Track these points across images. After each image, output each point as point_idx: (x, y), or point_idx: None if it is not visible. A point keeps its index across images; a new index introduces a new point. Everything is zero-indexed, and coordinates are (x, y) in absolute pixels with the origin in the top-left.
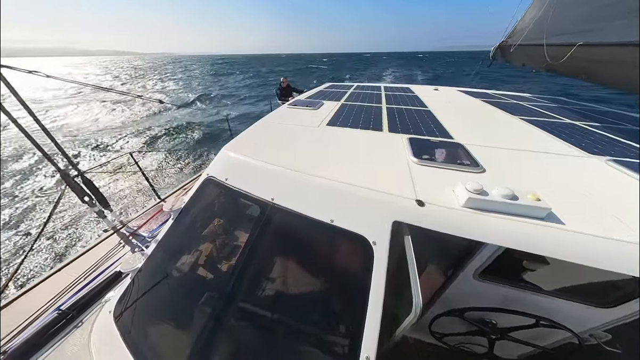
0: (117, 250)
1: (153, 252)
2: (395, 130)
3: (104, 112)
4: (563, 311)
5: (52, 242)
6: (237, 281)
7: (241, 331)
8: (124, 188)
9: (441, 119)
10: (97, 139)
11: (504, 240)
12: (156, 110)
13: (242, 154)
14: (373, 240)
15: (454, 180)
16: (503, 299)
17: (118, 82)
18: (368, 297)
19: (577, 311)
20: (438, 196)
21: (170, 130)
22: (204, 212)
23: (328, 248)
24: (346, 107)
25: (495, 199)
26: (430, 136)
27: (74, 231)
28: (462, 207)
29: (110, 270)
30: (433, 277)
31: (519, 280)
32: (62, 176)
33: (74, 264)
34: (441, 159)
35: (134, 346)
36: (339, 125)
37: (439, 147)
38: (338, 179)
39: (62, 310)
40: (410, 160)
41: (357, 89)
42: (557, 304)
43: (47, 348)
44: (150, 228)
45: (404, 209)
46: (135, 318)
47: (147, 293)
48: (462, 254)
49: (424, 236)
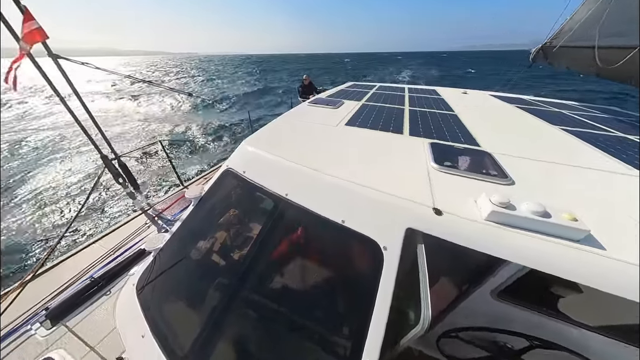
0: (143, 230)
1: (174, 235)
2: (417, 133)
3: (139, 103)
4: (594, 346)
5: (90, 216)
6: (247, 271)
7: (246, 318)
8: (152, 173)
9: (468, 124)
10: (131, 126)
11: (530, 261)
12: (187, 103)
13: (260, 148)
14: (384, 245)
15: (478, 191)
16: (523, 323)
17: (172, 78)
18: (374, 303)
19: (612, 349)
20: (458, 206)
21: (199, 123)
22: (221, 201)
23: (337, 248)
24: (367, 107)
25: (524, 215)
26: (454, 142)
27: (108, 209)
28: (484, 220)
29: (136, 247)
30: (445, 291)
31: (544, 305)
32: (102, 158)
33: (106, 238)
34: (464, 167)
35: (151, 319)
36: (357, 125)
37: (463, 155)
38: (352, 180)
39: (94, 279)
40: (431, 166)
41: (379, 90)
42: (588, 337)
43: (81, 310)
44: (173, 212)
45: (419, 216)
46: (154, 293)
47: (166, 272)
48: (479, 270)
49: (438, 246)
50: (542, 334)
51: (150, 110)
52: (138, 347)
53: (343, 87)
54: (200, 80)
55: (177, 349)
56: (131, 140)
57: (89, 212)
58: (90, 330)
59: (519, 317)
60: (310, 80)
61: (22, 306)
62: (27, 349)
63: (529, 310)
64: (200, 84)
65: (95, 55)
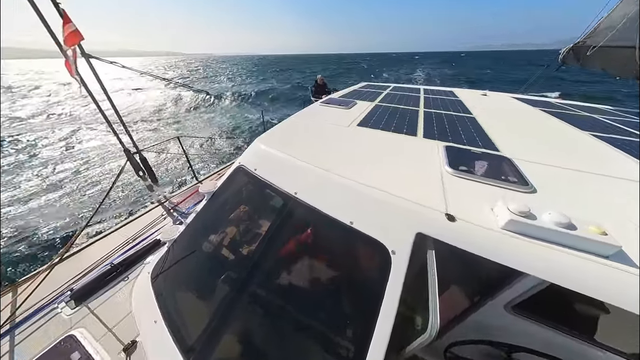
0: (159, 221)
1: (187, 227)
2: (431, 136)
3: (160, 101)
4: None
5: (113, 204)
6: (254, 267)
7: (251, 313)
8: (170, 167)
9: (487, 128)
10: (152, 122)
11: (550, 275)
12: (204, 101)
13: (272, 147)
14: (392, 249)
15: (495, 198)
16: (540, 340)
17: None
18: (380, 307)
19: None
20: (473, 213)
21: (216, 120)
22: (232, 197)
23: (344, 249)
24: (380, 108)
25: (545, 226)
26: (471, 146)
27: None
28: (500, 229)
29: (152, 237)
30: (456, 300)
31: (565, 323)
32: (125, 152)
33: (126, 227)
34: (481, 172)
35: (163, 306)
36: (370, 126)
37: (480, 159)
38: (362, 181)
39: (114, 265)
40: (445, 170)
41: (393, 90)
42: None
43: (101, 293)
44: (187, 205)
45: (431, 221)
46: (167, 282)
47: (178, 263)
48: (493, 281)
49: (450, 254)
50: (561, 353)
51: (169, 107)
52: (151, 332)
53: (356, 88)
54: (228, 78)
55: (187, 337)
56: (150, 135)
57: (111, 202)
58: (109, 313)
59: (536, 334)
60: (324, 80)
61: (51, 286)
62: (53, 325)
63: (547, 327)
64: (226, 81)
65: (118, 55)
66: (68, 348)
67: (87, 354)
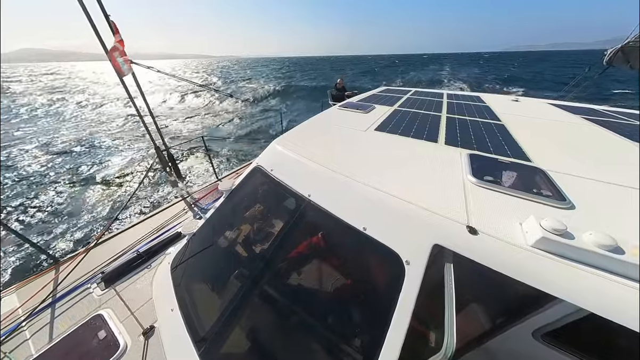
0: (181, 215)
1: (205, 223)
2: (454, 143)
3: (189, 102)
4: None
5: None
6: (266, 265)
7: (260, 311)
8: (193, 164)
9: (517, 136)
10: (179, 122)
11: (590, 303)
12: (229, 103)
13: (288, 148)
14: (406, 259)
15: (525, 213)
16: None
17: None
18: (391, 319)
19: None
20: (498, 227)
21: (238, 122)
22: (248, 196)
23: (355, 255)
24: (399, 113)
25: (585, 247)
26: (498, 155)
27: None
28: (529, 247)
29: (174, 229)
30: (475, 319)
31: (605, 357)
32: (155, 149)
33: (151, 219)
34: (509, 183)
35: (180, 296)
36: (387, 131)
37: (508, 169)
38: (377, 187)
39: (139, 253)
40: (467, 180)
41: (414, 95)
42: None
43: (127, 278)
44: (207, 201)
45: (450, 233)
46: (185, 274)
47: (196, 256)
48: (520, 303)
49: (470, 269)
50: None
51: (196, 108)
52: (167, 319)
53: (375, 92)
54: (263, 79)
55: (199, 328)
56: (179, 133)
57: (141, 195)
58: (133, 297)
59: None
60: (343, 84)
61: (87, 267)
62: (86, 303)
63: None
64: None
65: (156, 58)
66: (96, 326)
67: (111, 333)
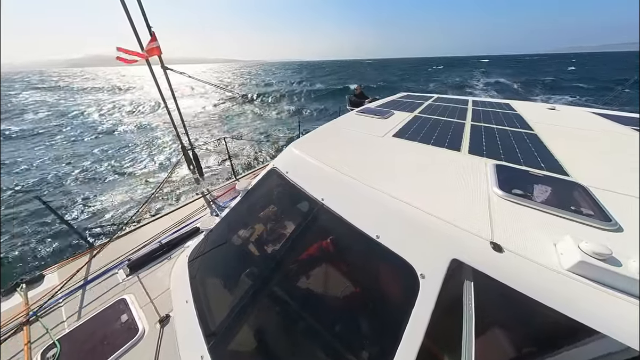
0: (201, 211)
1: (222, 220)
2: (478, 152)
3: (214, 104)
4: None
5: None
6: (275, 266)
7: (268, 311)
8: (213, 164)
9: (553, 147)
10: (204, 123)
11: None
12: (253, 107)
13: (304, 152)
14: (421, 273)
15: (560, 232)
16: None
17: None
18: (402, 334)
19: None
20: (527, 246)
21: (258, 124)
22: (264, 197)
23: (367, 264)
24: (419, 119)
25: (634, 276)
26: (529, 166)
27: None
28: (565, 270)
29: (193, 224)
30: (497, 346)
31: None
32: (182, 148)
33: (174, 213)
34: (542, 198)
35: (195, 289)
36: (406, 138)
37: (541, 183)
38: (393, 195)
39: (161, 244)
40: (493, 192)
41: (436, 101)
42: None
43: (149, 267)
44: (225, 200)
45: (471, 248)
46: (200, 268)
47: (211, 251)
48: (551, 334)
49: (493, 289)
50: None
51: (220, 111)
52: (182, 310)
53: (395, 98)
54: (285, 83)
55: (210, 322)
56: (200, 133)
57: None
58: (153, 285)
59: None
60: (361, 90)
61: (115, 253)
62: (112, 286)
63: None
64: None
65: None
66: (120, 309)
67: (132, 317)
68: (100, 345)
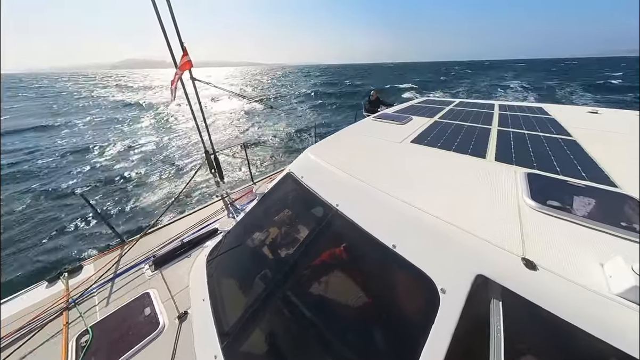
0: (220, 212)
1: (239, 222)
2: (507, 160)
3: (236, 110)
4: None
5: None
6: (289, 270)
7: (279, 314)
8: (233, 168)
9: (596, 154)
10: (226, 128)
11: None
12: (273, 112)
13: (320, 157)
14: (442, 287)
15: (607, 251)
16: None
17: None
18: (420, 353)
19: None
20: (566, 265)
21: (276, 129)
22: (279, 201)
23: (381, 274)
24: (439, 125)
25: None
26: (568, 176)
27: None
28: (614, 295)
29: (212, 225)
30: None
31: None
32: (205, 152)
33: (196, 213)
34: (584, 211)
35: (211, 288)
36: (425, 144)
37: (582, 194)
38: (410, 203)
39: (183, 242)
40: (524, 203)
41: (458, 106)
42: None
43: (172, 264)
44: (242, 202)
45: (499, 264)
46: (217, 268)
47: (227, 252)
48: None
49: (526, 310)
50: None
51: (242, 116)
52: (199, 308)
53: (413, 103)
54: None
55: (224, 322)
56: (224, 138)
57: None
58: (174, 281)
59: None
60: (377, 96)
61: (143, 249)
62: (138, 281)
63: None
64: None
65: (212, 66)
66: (144, 302)
67: (154, 311)
68: (126, 335)
